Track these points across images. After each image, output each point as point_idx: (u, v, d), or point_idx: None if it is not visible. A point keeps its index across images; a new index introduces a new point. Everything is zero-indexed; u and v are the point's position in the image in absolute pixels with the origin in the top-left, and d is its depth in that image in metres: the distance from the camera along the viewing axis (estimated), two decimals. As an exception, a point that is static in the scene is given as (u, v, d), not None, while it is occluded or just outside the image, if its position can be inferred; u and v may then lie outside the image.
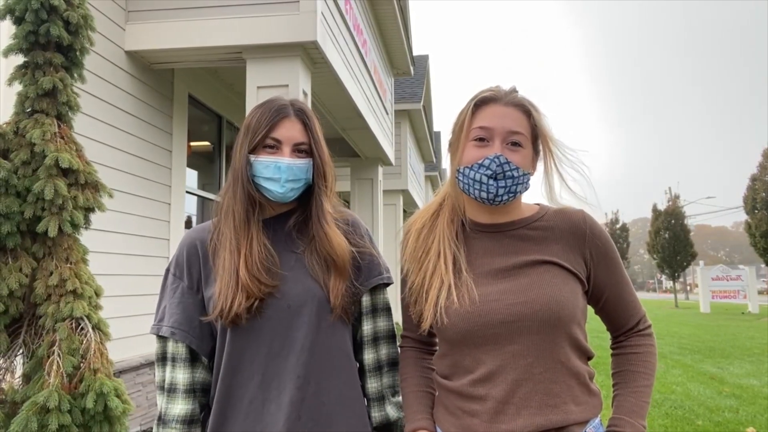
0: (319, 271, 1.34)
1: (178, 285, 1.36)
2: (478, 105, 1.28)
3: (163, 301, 1.37)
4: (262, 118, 1.35)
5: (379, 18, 7.31)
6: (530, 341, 1.20)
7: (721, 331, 14.71)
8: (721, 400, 6.37)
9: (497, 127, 1.24)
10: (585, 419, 1.22)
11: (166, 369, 1.34)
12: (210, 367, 1.37)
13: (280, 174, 1.32)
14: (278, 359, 1.28)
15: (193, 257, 1.37)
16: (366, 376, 1.42)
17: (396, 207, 10.80)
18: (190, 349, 1.33)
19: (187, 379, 1.33)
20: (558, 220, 1.31)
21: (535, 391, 1.19)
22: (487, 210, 1.31)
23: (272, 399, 1.27)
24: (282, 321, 1.29)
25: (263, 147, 1.34)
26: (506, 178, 1.22)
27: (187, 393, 1.32)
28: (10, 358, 2.19)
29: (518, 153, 1.25)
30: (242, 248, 1.30)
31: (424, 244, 1.34)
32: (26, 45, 2.30)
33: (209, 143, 6.00)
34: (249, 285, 1.26)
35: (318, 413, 1.27)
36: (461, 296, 1.24)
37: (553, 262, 1.25)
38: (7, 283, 2.11)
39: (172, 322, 1.32)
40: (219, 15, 4.18)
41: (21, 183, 2.21)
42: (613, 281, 1.30)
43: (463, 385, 1.25)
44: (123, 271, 4.11)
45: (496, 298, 1.22)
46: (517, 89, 1.32)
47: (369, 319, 1.43)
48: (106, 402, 2.09)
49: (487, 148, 1.24)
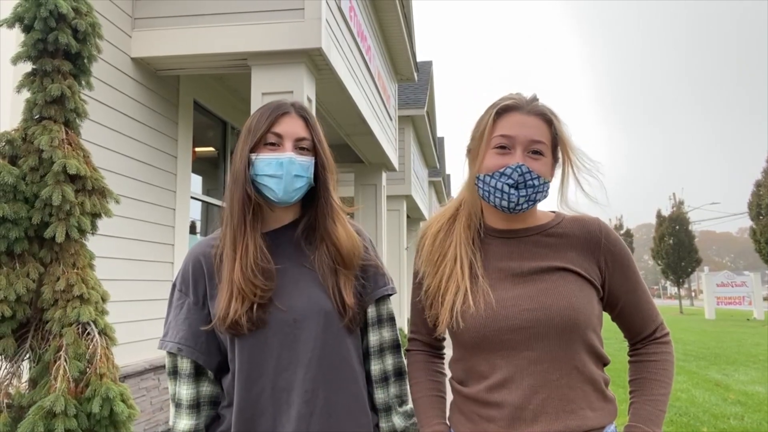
0: (328, 272, 1.33)
1: (184, 301, 1.36)
2: (499, 113, 1.28)
3: (169, 317, 1.37)
4: (263, 117, 1.34)
5: (383, 24, 7.35)
6: (546, 347, 1.20)
7: (726, 338, 14.63)
8: (727, 407, 6.34)
9: (519, 135, 1.25)
10: (601, 425, 1.22)
11: (174, 384, 1.36)
12: (218, 379, 1.37)
13: (282, 170, 1.29)
14: (286, 373, 1.28)
15: (198, 273, 1.36)
16: (373, 387, 1.42)
17: (400, 212, 10.80)
18: (196, 365, 1.34)
19: (190, 394, 1.34)
20: (573, 228, 1.31)
21: (552, 397, 1.19)
22: (505, 216, 1.32)
23: (283, 412, 1.27)
24: (288, 335, 1.28)
25: (264, 144, 1.32)
26: (527, 187, 1.23)
27: (191, 408, 1.34)
28: (16, 362, 2.21)
29: (539, 162, 1.25)
30: (237, 251, 1.29)
31: (441, 248, 1.35)
32: (35, 53, 2.33)
33: (214, 149, 6.03)
34: (243, 288, 1.25)
35: (326, 427, 1.27)
36: (477, 301, 1.24)
37: (568, 269, 1.26)
38: (15, 288, 2.12)
39: (179, 339, 1.33)
40: (224, 22, 4.21)
41: (29, 189, 2.23)
42: (628, 288, 1.30)
43: (479, 391, 1.25)
44: (128, 276, 4.13)
45: (512, 303, 1.23)
46: (538, 97, 1.32)
47: (375, 330, 1.43)
48: (112, 407, 2.10)
49: (508, 157, 1.25)
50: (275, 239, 1.36)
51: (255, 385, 1.28)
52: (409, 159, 11.08)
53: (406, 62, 8.59)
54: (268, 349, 1.28)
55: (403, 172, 10.64)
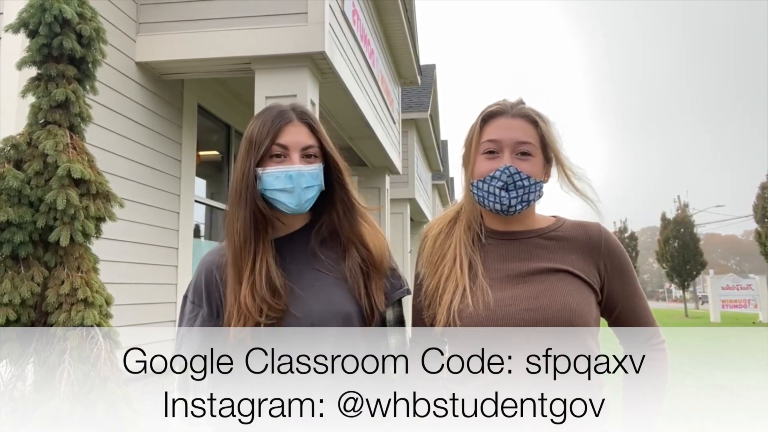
0: (359, 275, 1.29)
1: (198, 313, 1.32)
2: (485, 119, 1.32)
3: (182, 330, 1.34)
4: (264, 127, 1.27)
5: (386, 28, 7.36)
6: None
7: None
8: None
9: (505, 138, 1.27)
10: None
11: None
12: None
13: (292, 183, 1.25)
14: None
15: (211, 283, 1.32)
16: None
17: (403, 216, 10.80)
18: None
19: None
20: (574, 232, 1.32)
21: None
22: (503, 219, 1.33)
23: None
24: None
25: (270, 157, 1.26)
26: (517, 188, 1.25)
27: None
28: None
29: (528, 162, 1.27)
30: (245, 272, 1.24)
31: (441, 250, 1.36)
32: (40, 58, 2.34)
33: (218, 153, 6.05)
34: (250, 311, 1.21)
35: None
36: (476, 300, 1.25)
37: (567, 271, 1.26)
38: (20, 291, 2.13)
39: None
40: (228, 26, 4.23)
41: (34, 193, 2.24)
42: (626, 294, 1.31)
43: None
44: (132, 280, 4.14)
45: (510, 303, 1.23)
46: (524, 101, 1.35)
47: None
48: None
49: (497, 160, 1.27)
50: (287, 245, 1.32)
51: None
52: (413, 162, 11.09)
53: (410, 65, 8.61)
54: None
55: (406, 175, 10.65)
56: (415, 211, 12.49)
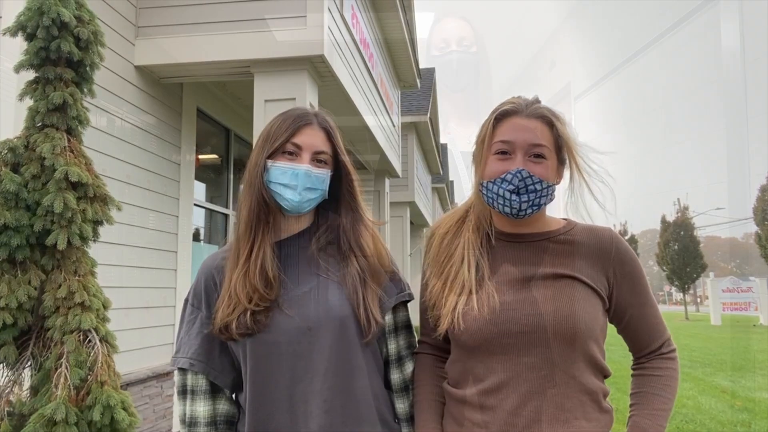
0: (359, 284, 1.29)
1: (197, 316, 1.33)
2: (498, 118, 1.27)
3: (181, 333, 1.34)
4: (284, 124, 1.31)
5: (386, 31, 7.37)
6: (545, 354, 1.19)
7: (732, 344, 14.52)
8: (733, 414, 6.28)
9: (519, 140, 1.23)
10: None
11: (186, 403, 1.31)
12: (233, 398, 1.34)
13: (297, 181, 1.28)
14: (302, 384, 1.24)
15: (210, 287, 1.33)
16: (393, 397, 1.39)
17: (403, 219, 10.80)
18: (211, 381, 1.31)
19: (207, 411, 1.30)
20: (584, 236, 1.29)
21: (547, 404, 1.18)
22: (512, 221, 1.30)
23: (301, 424, 1.23)
24: (302, 344, 1.24)
25: (282, 153, 1.30)
26: (529, 192, 1.21)
27: (209, 426, 1.29)
28: (18, 370, 2.20)
29: (541, 165, 1.23)
30: (242, 256, 1.27)
31: (447, 250, 1.33)
32: (37, 61, 2.34)
33: (217, 156, 6.04)
34: (239, 294, 1.23)
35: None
36: (481, 303, 1.23)
37: (575, 277, 1.24)
38: (16, 295, 2.12)
39: (191, 354, 1.29)
40: (227, 30, 4.22)
41: (31, 196, 2.24)
42: (636, 302, 1.28)
43: (472, 395, 1.23)
44: (131, 284, 4.13)
45: (515, 308, 1.21)
46: (540, 99, 1.30)
47: (392, 338, 1.40)
48: (113, 415, 2.09)
49: (509, 162, 1.23)
50: (287, 248, 1.34)
51: (269, 397, 1.24)
52: (413, 165, 11.09)
53: (409, 69, 8.61)
54: (281, 359, 1.24)
55: (406, 178, 10.64)
56: (414, 215, 12.49)
